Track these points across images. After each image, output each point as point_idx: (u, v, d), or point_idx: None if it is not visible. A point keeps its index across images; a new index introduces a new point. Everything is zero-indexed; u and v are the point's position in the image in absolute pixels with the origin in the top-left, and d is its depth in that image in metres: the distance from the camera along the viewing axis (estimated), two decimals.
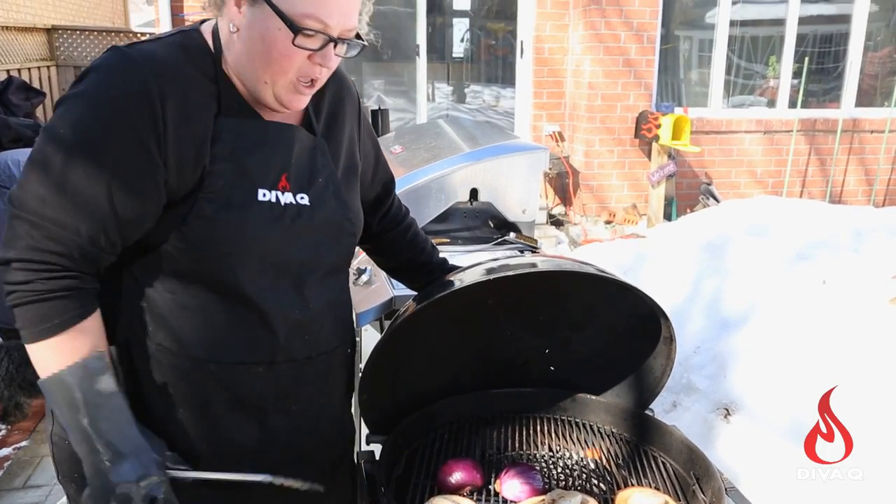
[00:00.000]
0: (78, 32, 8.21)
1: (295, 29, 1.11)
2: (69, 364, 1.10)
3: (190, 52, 1.19)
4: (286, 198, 1.22)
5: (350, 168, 1.38)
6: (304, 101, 1.22)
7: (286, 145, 1.24)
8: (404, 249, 1.64)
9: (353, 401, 1.54)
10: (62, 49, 7.91)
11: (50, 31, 7.98)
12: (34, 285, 1.09)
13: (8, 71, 6.42)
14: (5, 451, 3.28)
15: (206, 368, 1.22)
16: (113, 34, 8.43)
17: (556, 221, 6.51)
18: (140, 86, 1.10)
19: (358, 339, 2.20)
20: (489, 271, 1.43)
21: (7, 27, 7.14)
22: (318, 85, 1.22)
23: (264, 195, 1.20)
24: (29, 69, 7.00)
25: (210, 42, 1.21)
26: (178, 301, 1.19)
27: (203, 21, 1.27)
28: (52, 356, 1.11)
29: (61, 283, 1.10)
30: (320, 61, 1.16)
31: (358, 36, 1.22)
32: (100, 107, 1.10)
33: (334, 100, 1.38)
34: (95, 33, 8.28)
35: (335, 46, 1.17)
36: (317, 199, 1.27)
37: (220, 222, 1.16)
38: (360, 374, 1.49)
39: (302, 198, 1.25)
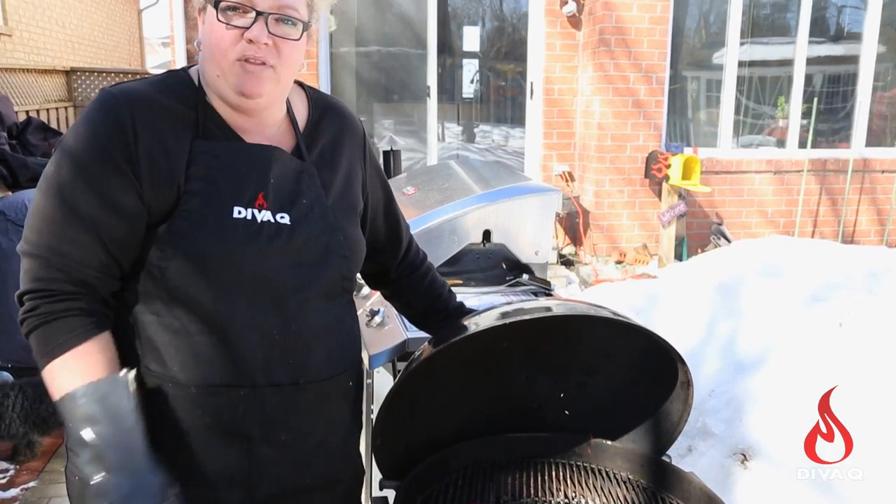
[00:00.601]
0: (96, 74, 8.37)
1: (215, 3, 1.18)
2: (81, 383, 1.12)
3: (170, 85, 1.27)
4: (263, 216, 1.23)
5: (345, 198, 1.38)
6: (259, 84, 1.21)
7: (263, 165, 1.26)
8: (422, 295, 1.64)
9: (363, 440, 1.52)
10: (80, 90, 8.07)
11: (69, 72, 8.15)
12: (39, 310, 1.16)
13: (27, 112, 6.54)
14: (13, 491, 3.26)
15: (188, 392, 1.22)
16: (129, 75, 8.59)
17: (566, 261, 6.50)
18: (115, 117, 1.18)
19: (369, 380, 2.20)
20: (504, 315, 1.43)
21: (28, 70, 7.29)
22: (275, 75, 1.22)
23: (239, 212, 1.22)
24: (48, 110, 7.13)
25: (196, 78, 1.28)
26: (162, 323, 1.21)
27: (194, 65, 1.33)
28: (63, 375, 1.14)
29: (65, 305, 1.15)
30: (251, 37, 1.17)
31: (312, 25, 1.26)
32: (80, 143, 1.18)
33: (333, 132, 1.40)
34: (112, 75, 8.45)
35: (267, 23, 1.19)
36: (299, 219, 1.27)
37: (195, 239, 1.18)
38: (375, 419, 1.48)
39: (282, 217, 1.25)
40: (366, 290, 2.35)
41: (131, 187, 1.17)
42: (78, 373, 1.13)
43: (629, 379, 1.64)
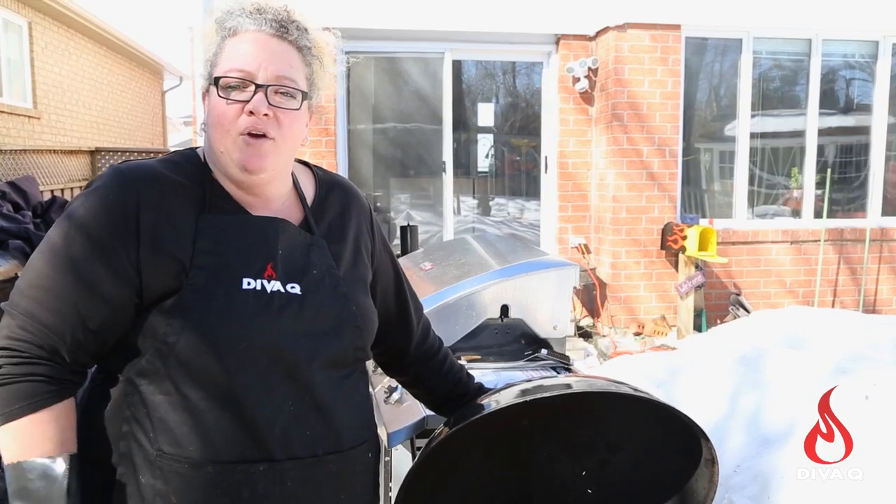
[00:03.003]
0: (119, 153, 8.61)
1: (216, 80, 1.23)
2: (28, 457, 1.13)
3: (177, 163, 1.30)
4: (273, 286, 1.24)
5: (355, 269, 1.39)
6: (261, 159, 1.24)
7: (271, 236, 1.27)
8: (443, 380, 1.61)
9: None
10: (104, 169, 8.28)
11: (93, 152, 8.39)
12: (2, 370, 1.14)
13: (52, 191, 6.70)
14: None
15: (205, 472, 1.18)
16: (151, 154, 8.83)
17: (584, 333, 6.46)
18: (118, 195, 1.20)
19: (388, 458, 2.17)
20: (523, 392, 1.42)
21: (54, 150, 7.51)
22: (275, 146, 1.25)
23: (249, 283, 1.22)
24: (72, 188, 7.31)
25: (202, 156, 1.32)
26: (174, 402, 1.19)
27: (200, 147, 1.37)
28: (14, 442, 1.14)
29: (29, 369, 1.14)
30: (251, 108, 1.21)
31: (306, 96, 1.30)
32: (81, 217, 1.20)
33: (340, 206, 1.43)
34: (136, 154, 8.68)
35: (266, 95, 1.22)
36: (310, 290, 1.27)
37: (205, 312, 1.18)
38: (394, 499, 1.45)
39: (293, 287, 1.25)
40: None
41: (122, 271, 1.18)
42: (25, 443, 1.13)
43: (652, 456, 1.61)
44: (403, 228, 3.83)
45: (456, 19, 6.37)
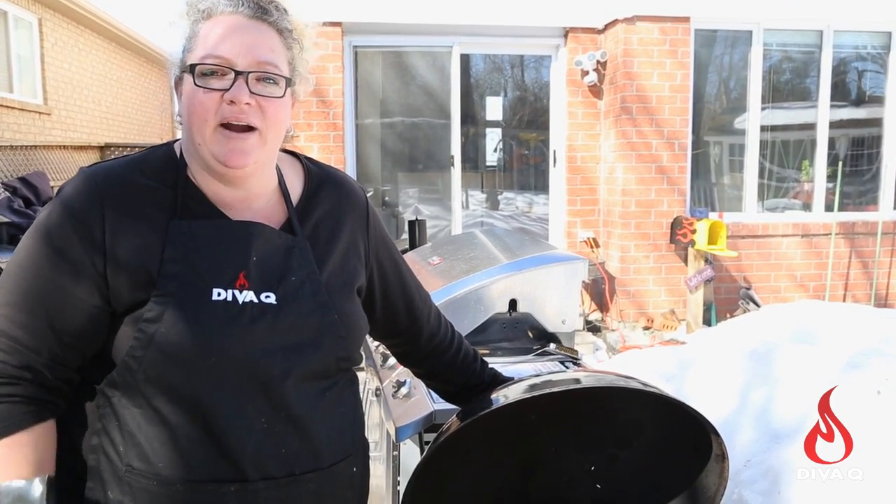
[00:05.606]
0: (129, 149, 8.65)
1: (192, 68, 1.14)
2: (3, 480, 1.07)
3: (149, 162, 1.22)
4: (245, 296, 1.16)
5: (342, 273, 1.30)
6: (243, 155, 1.16)
7: (244, 242, 1.19)
8: (457, 373, 1.58)
9: None
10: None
11: (103, 148, 8.43)
12: None
13: (62, 187, 6.74)
14: None
15: (174, 490, 1.13)
16: None
17: (593, 327, 6.45)
18: (82, 205, 1.14)
19: (396, 452, 2.17)
20: (532, 387, 1.41)
21: (64, 146, 7.55)
22: (260, 138, 1.18)
23: (219, 294, 1.15)
24: None
25: (179, 152, 1.24)
26: (145, 416, 1.13)
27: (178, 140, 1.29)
28: None
29: (4, 390, 1.09)
30: (232, 97, 1.13)
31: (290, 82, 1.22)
32: (47, 227, 1.14)
33: (331, 204, 1.34)
34: (145, 149, 8.73)
35: (247, 82, 1.15)
36: (286, 299, 1.19)
37: (172, 324, 1.11)
38: (402, 494, 1.45)
39: (267, 296, 1.17)
40: (392, 360, 2.34)
41: (90, 281, 1.13)
42: (1, 466, 1.07)
43: (662, 451, 1.60)
44: (412, 223, 3.83)
45: (464, 13, 6.35)
